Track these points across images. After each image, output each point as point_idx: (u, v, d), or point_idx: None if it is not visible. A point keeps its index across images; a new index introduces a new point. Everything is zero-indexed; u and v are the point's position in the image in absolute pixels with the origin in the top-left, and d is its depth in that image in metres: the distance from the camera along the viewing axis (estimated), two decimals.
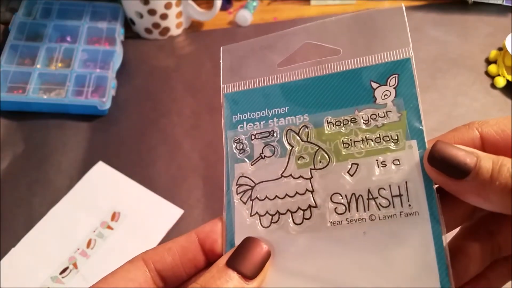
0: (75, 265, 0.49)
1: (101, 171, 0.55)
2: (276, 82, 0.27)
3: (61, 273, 0.48)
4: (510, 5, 0.68)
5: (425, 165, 0.23)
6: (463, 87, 0.61)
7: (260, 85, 0.27)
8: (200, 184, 0.54)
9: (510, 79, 0.60)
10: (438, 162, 0.22)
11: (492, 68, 0.62)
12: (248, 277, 0.22)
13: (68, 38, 0.64)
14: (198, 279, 0.22)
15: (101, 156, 0.56)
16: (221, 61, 0.28)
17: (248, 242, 0.24)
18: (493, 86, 0.61)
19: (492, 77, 0.62)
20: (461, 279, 0.24)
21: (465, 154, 0.21)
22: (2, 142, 0.57)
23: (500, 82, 0.61)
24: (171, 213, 0.52)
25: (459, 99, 0.60)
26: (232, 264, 0.22)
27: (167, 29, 0.66)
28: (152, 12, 0.63)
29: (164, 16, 0.64)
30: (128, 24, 0.68)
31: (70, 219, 0.51)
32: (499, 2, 0.68)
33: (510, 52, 0.59)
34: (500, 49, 0.64)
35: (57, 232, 0.50)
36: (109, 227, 0.51)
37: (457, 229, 0.26)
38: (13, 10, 0.67)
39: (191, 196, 0.53)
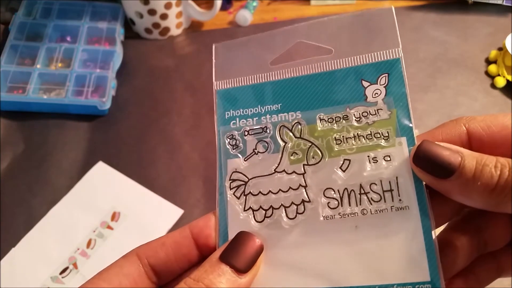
0: (75, 265, 0.49)
1: (101, 171, 0.55)
2: (268, 79, 0.27)
3: (61, 273, 0.48)
4: (510, 5, 0.68)
5: (411, 165, 0.23)
6: (463, 87, 0.61)
7: (253, 82, 0.27)
8: (200, 184, 0.54)
9: (510, 79, 0.60)
10: (423, 162, 0.22)
11: (492, 68, 0.62)
12: (241, 271, 0.22)
13: (68, 38, 0.64)
14: (192, 274, 0.22)
15: (101, 156, 0.56)
16: (213, 58, 0.28)
17: (241, 236, 0.24)
18: (493, 86, 0.61)
19: (492, 77, 0.62)
20: (448, 272, 0.24)
21: (449, 154, 0.22)
22: (2, 142, 0.57)
23: (500, 82, 0.61)
24: (171, 213, 0.52)
25: (459, 99, 0.60)
26: (225, 258, 0.23)
27: (167, 29, 0.66)
28: (152, 12, 0.63)
29: (164, 16, 0.64)
30: (128, 24, 0.68)
31: (70, 219, 0.51)
32: (499, 2, 0.68)
33: (510, 52, 0.59)
34: (500, 49, 0.64)
35: (57, 232, 0.51)
36: (109, 227, 0.51)
37: (445, 224, 0.27)
38: (13, 10, 0.67)
39: (191, 196, 0.53)
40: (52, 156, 0.56)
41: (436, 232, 0.23)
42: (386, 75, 0.25)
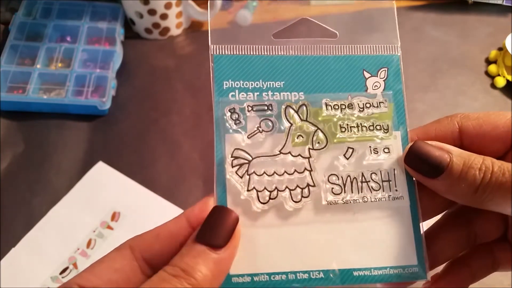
0: (75, 265, 0.49)
1: (101, 171, 0.55)
2: (271, 53, 0.26)
3: (61, 273, 0.48)
4: (510, 5, 0.68)
5: (404, 164, 0.25)
6: (463, 87, 0.61)
7: (254, 53, 0.26)
8: (200, 184, 0.54)
9: (510, 79, 0.60)
10: (414, 162, 0.24)
11: (492, 68, 0.62)
12: (218, 246, 0.22)
13: (68, 38, 0.64)
14: (171, 260, 0.22)
15: (101, 156, 0.56)
16: (208, 14, 0.26)
17: (216, 211, 0.23)
18: (493, 86, 0.61)
19: (492, 77, 0.62)
20: (436, 260, 0.26)
21: (439, 155, 0.23)
22: (2, 142, 0.57)
23: (500, 82, 0.61)
24: (171, 213, 0.52)
25: (459, 99, 0.60)
26: (200, 237, 0.22)
27: (167, 29, 0.66)
28: (152, 12, 0.63)
29: (164, 16, 0.64)
30: (128, 24, 0.68)
31: (70, 219, 0.51)
32: (499, 2, 0.68)
33: (510, 52, 0.59)
34: (500, 49, 0.64)
35: (57, 232, 0.50)
36: (109, 227, 0.51)
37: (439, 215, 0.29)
38: (13, 10, 0.67)
39: (191, 196, 0.53)
40: (52, 156, 0.56)
41: (429, 222, 0.26)
42: (386, 69, 0.27)
